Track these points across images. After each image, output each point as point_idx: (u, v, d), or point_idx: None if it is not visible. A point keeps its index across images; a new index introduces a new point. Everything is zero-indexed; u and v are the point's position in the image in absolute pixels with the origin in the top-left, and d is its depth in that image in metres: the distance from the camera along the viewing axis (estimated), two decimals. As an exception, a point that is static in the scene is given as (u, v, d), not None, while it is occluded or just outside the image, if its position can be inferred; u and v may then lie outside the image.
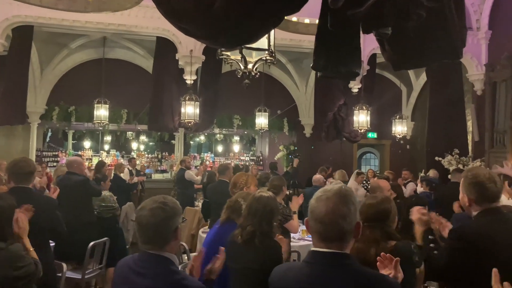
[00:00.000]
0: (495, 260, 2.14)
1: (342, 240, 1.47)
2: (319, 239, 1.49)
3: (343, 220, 1.46)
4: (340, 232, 1.46)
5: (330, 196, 1.49)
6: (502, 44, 8.62)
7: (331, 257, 1.47)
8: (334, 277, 1.44)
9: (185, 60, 8.13)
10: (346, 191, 1.53)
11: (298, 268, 1.57)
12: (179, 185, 8.08)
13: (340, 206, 1.47)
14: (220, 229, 2.98)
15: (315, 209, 1.49)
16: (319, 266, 1.47)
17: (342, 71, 2.05)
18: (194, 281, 1.87)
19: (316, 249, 1.51)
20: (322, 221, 1.47)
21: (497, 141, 8.64)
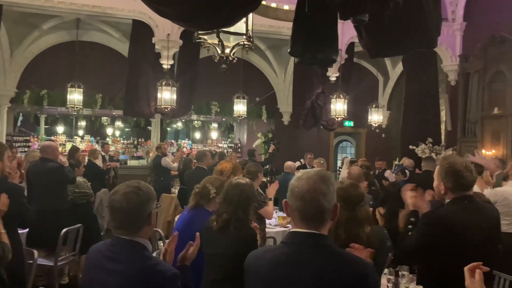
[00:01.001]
0: (465, 245, 2.23)
1: (320, 220, 1.49)
2: (299, 218, 1.50)
3: (323, 197, 1.48)
4: (320, 209, 1.48)
5: (311, 175, 1.52)
6: (476, 35, 8.82)
7: (308, 237, 1.49)
8: (311, 257, 1.46)
9: (162, 44, 7.97)
10: (326, 172, 1.58)
11: (276, 249, 1.60)
12: (155, 172, 7.99)
13: (320, 184, 1.50)
14: (189, 215, 2.96)
15: (296, 187, 1.51)
16: (296, 246, 1.49)
17: (319, 58, 2.05)
18: (168, 266, 1.85)
19: (294, 230, 1.54)
20: (303, 197, 1.49)
21: (469, 130, 8.90)
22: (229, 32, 2.68)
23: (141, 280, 1.74)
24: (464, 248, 2.20)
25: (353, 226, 2.17)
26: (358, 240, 2.11)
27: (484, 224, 2.31)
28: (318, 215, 1.50)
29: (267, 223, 5.23)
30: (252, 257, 1.64)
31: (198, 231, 2.27)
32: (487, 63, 8.39)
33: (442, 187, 2.35)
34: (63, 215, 4.73)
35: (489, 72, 8.37)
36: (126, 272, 1.76)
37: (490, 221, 2.38)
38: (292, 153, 9.93)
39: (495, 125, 8.25)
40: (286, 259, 1.48)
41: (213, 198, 2.92)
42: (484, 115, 8.46)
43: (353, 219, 2.21)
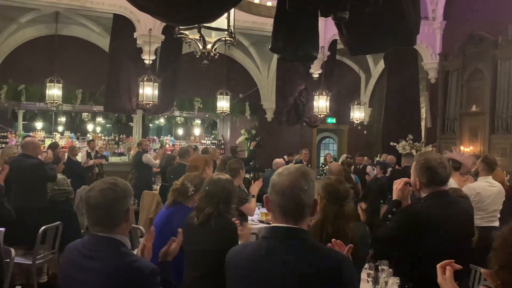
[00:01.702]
0: (440, 240, 2.28)
1: (300, 215, 1.52)
2: (279, 213, 1.53)
3: (304, 193, 1.51)
4: (300, 205, 1.51)
5: (292, 171, 1.55)
6: (456, 34, 8.98)
7: (288, 231, 1.51)
8: (290, 251, 1.48)
9: (144, 40, 7.87)
10: (306, 168, 1.60)
11: (256, 244, 1.62)
12: (136, 168, 7.89)
13: (301, 180, 1.52)
14: (168, 212, 2.94)
15: (277, 183, 1.54)
16: (276, 241, 1.51)
17: (300, 54, 2.05)
18: (146, 262, 1.83)
19: (274, 225, 1.56)
20: (284, 193, 1.51)
21: (448, 127, 9.08)
22: (211, 28, 2.66)
23: (119, 277, 1.72)
24: (439, 242, 2.25)
25: (340, 221, 2.19)
26: (344, 235, 2.13)
27: (459, 219, 2.37)
28: (298, 210, 1.52)
29: (250, 220, 5.25)
30: (233, 252, 1.65)
31: (177, 227, 2.25)
32: (465, 61, 8.56)
33: (417, 182, 2.40)
34: (42, 213, 4.65)
35: (467, 70, 8.54)
36: (103, 269, 1.73)
37: (465, 215, 2.44)
38: (276, 149, 9.97)
39: (473, 122, 8.44)
40: (266, 253, 1.50)
41: (192, 195, 2.91)
42: (463, 113, 8.64)
43: (341, 214, 2.23)
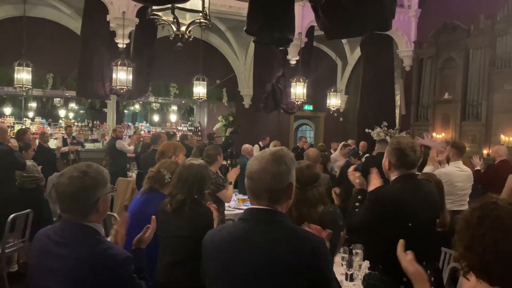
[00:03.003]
0: (409, 222, 2.34)
1: (272, 198, 1.52)
2: (252, 196, 1.55)
3: (272, 178, 1.50)
4: (268, 188, 1.51)
5: (265, 156, 1.54)
6: (430, 23, 9.11)
7: (264, 213, 1.51)
8: (266, 232, 1.49)
9: (117, 23, 7.65)
10: (282, 152, 1.58)
11: (232, 225, 1.63)
12: (110, 155, 7.75)
13: (271, 164, 1.52)
14: (142, 199, 2.89)
15: (249, 167, 1.56)
16: (252, 222, 1.52)
17: (276, 37, 2.02)
18: (120, 250, 1.79)
19: (250, 207, 1.57)
20: (252, 177, 1.52)
21: (421, 114, 9.27)
22: (185, 9, 2.58)
23: (91, 264, 1.67)
24: (406, 224, 2.31)
25: (303, 205, 2.21)
26: (310, 219, 2.15)
27: (426, 202, 2.44)
28: (267, 194, 1.52)
29: (227, 206, 5.24)
30: (209, 235, 1.65)
31: (152, 214, 2.21)
32: (439, 49, 8.71)
33: (387, 162, 2.48)
34: (11, 201, 4.50)
35: (441, 58, 8.70)
36: (75, 256, 1.68)
37: (432, 199, 2.51)
38: (253, 136, 9.95)
39: (445, 110, 8.63)
40: (242, 235, 1.51)
41: (168, 183, 2.86)
42: (436, 100, 8.82)
43: (304, 199, 2.25)
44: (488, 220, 1.20)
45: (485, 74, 7.73)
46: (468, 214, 1.25)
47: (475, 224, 1.22)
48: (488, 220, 1.20)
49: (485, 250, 1.16)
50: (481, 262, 1.17)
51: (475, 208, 1.25)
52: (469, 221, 1.24)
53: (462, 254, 1.22)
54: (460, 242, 1.24)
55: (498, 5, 7.43)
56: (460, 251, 1.23)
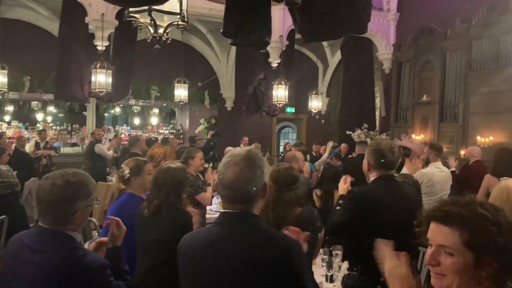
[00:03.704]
0: (383, 220, 2.38)
1: (249, 202, 1.52)
2: (227, 202, 1.54)
3: (249, 185, 1.50)
4: (246, 196, 1.51)
5: (237, 162, 1.52)
6: (409, 26, 9.27)
7: (238, 216, 1.51)
8: (241, 235, 1.49)
9: (96, 25, 7.54)
10: (253, 154, 1.56)
11: (208, 229, 1.63)
12: (89, 159, 7.62)
13: (246, 172, 1.50)
14: (118, 203, 2.84)
15: (223, 175, 1.52)
16: (227, 225, 1.52)
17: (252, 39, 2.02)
18: (95, 256, 1.75)
19: (224, 210, 1.56)
20: (230, 187, 1.51)
21: (401, 116, 9.42)
22: (162, 11, 2.56)
23: (64, 272, 1.64)
24: (383, 224, 2.34)
25: (279, 207, 2.22)
26: (286, 220, 2.16)
27: (404, 202, 2.48)
28: (245, 200, 1.52)
29: (208, 209, 5.21)
30: (185, 239, 1.65)
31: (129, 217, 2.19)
32: (417, 52, 8.87)
33: (366, 163, 2.54)
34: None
35: (419, 61, 8.86)
36: (47, 263, 1.65)
37: (408, 199, 2.55)
38: (236, 138, 9.93)
39: (424, 112, 8.79)
40: (217, 238, 1.51)
41: (129, 179, 2.83)
42: (415, 102, 8.97)
43: (280, 200, 2.26)
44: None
45: (461, 77, 7.90)
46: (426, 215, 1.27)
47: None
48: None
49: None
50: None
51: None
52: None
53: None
54: (425, 240, 1.24)
55: (474, 10, 7.61)
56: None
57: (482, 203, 1.17)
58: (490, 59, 7.32)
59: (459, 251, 1.12)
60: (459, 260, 1.12)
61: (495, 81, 7.18)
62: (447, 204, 1.18)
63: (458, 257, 1.12)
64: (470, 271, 1.11)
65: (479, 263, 1.10)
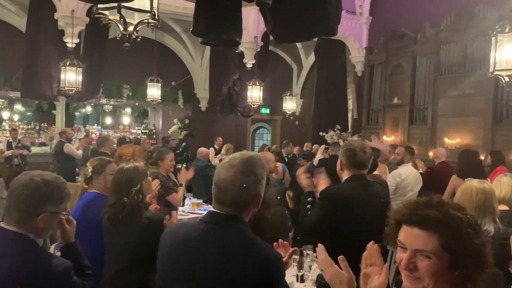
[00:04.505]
0: (354, 218, 2.42)
1: (238, 207, 1.49)
2: (216, 202, 1.52)
3: (239, 189, 1.47)
4: (235, 199, 1.48)
5: (234, 164, 1.50)
6: (380, 30, 9.46)
7: (225, 218, 1.49)
8: (223, 237, 1.46)
9: (66, 21, 7.32)
10: (254, 161, 1.52)
11: (192, 225, 1.59)
12: (58, 159, 7.41)
13: (239, 175, 1.47)
14: (81, 203, 2.76)
15: (217, 174, 1.52)
16: (211, 225, 1.50)
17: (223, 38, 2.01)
18: (59, 260, 1.70)
19: (213, 210, 1.54)
20: (219, 186, 1.49)
21: (372, 118, 9.60)
22: (132, 9, 2.51)
23: (25, 276, 1.58)
24: (355, 222, 2.39)
25: (260, 207, 2.21)
26: (264, 220, 2.15)
27: (374, 202, 2.53)
28: (234, 203, 1.49)
29: (181, 210, 5.15)
30: (168, 230, 1.64)
31: (93, 218, 2.13)
32: (389, 56, 9.07)
33: (339, 163, 2.61)
34: None
35: (390, 64, 9.06)
36: (7, 268, 1.58)
37: (379, 199, 2.61)
38: (210, 139, 9.87)
39: (395, 114, 8.99)
40: (197, 236, 1.49)
41: (91, 177, 2.77)
42: (386, 104, 9.16)
43: (262, 200, 2.25)
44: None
45: (430, 80, 8.13)
46: (393, 214, 1.26)
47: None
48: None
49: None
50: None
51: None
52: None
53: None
54: (389, 240, 1.25)
55: (442, 15, 7.85)
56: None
57: (450, 204, 1.18)
58: (458, 63, 7.56)
59: (437, 255, 1.12)
60: (436, 263, 1.12)
61: (462, 85, 7.43)
62: (421, 208, 1.17)
63: (435, 260, 1.12)
64: (445, 272, 1.12)
65: (455, 264, 1.12)
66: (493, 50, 3.89)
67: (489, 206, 2.27)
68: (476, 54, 7.08)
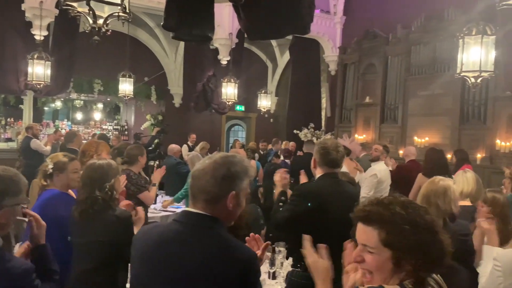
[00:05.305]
0: (326, 216, 2.46)
1: (208, 202, 1.47)
2: (190, 196, 1.51)
3: (209, 179, 1.46)
4: (203, 190, 1.47)
5: (216, 159, 1.50)
6: (354, 29, 9.60)
7: (199, 218, 1.47)
8: (199, 238, 1.45)
9: (34, 13, 7.07)
10: (234, 159, 1.52)
11: (165, 226, 1.57)
12: (24, 155, 7.15)
13: (213, 166, 1.48)
14: (41, 201, 2.67)
15: (195, 166, 1.53)
16: (185, 225, 1.48)
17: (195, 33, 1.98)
18: (18, 261, 1.64)
19: (187, 209, 1.52)
20: (193, 175, 1.50)
21: (345, 117, 9.75)
22: (101, 1, 2.44)
23: None
24: (328, 221, 2.42)
25: None
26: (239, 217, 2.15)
27: (346, 199, 2.57)
28: (203, 196, 1.47)
29: (153, 208, 5.09)
30: (141, 232, 1.60)
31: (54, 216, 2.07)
32: (361, 55, 9.21)
33: (313, 160, 2.67)
34: None
35: (363, 64, 9.21)
36: None
37: (351, 197, 2.66)
38: (184, 136, 9.77)
39: (367, 113, 9.16)
40: (172, 237, 1.46)
41: (51, 174, 2.69)
42: (358, 103, 9.32)
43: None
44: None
45: (401, 80, 8.31)
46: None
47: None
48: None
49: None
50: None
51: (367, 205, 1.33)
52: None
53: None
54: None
55: (413, 17, 8.03)
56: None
57: (404, 202, 1.24)
58: (428, 64, 7.77)
59: (378, 249, 1.20)
60: (379, 257, 1.20)
61: (431, 85, 7.63)
62: (369, 205, 1.26)
63: (378, 255, 1.20)
64: (390, 267, 1.20)
65: (397, 260, 1.19)
66: (460, 52, 3.99)
67: (432, 203, 2.34)
68: (445, 55, 7.28)
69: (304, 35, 2.25)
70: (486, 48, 3.86)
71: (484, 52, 3.85)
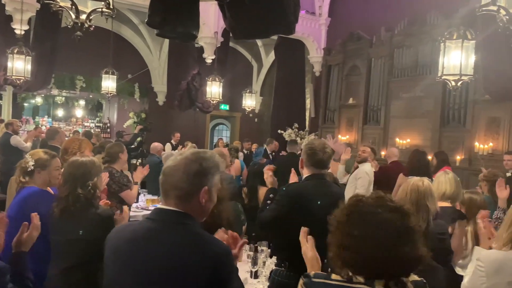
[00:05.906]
0: (311, 216, 2.47)
1: (180, 198, 1.46)
2: (162, 193, 1.50)
3: (181, 175, 1.46)
4: (175, 186, 1.46)
5: (187, 155, 1.50)
6: (338, 31, 9.69)
7: (171, 214, 1.46)
8: (171, 234, 1.44)
9: (14, 6, 6.91)
10: (205, 155, 1.52)
11: (138, 223, 1.56)
12: (3, 152, 6.99)
13: (184, 163, 1.47)
14: (19, 199, 2.61)
15: (166, 164, 1.51)
16: (158, 222, 1.46)
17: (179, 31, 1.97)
18: None
19: (159, 206, 1.51)
20: (164, 172, 1.49)
21: (329, 118, 9.83)
22: (85, -4, 2.41)
23: None
24: (313, 221, 2.42)
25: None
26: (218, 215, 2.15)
27: (331, 200, 2.58)
28: (175, 193, 1.46)
29: (135, 206, 5.04)
30: (114, 231, 1.59)
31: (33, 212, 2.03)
32: (345, 57, 9.30)
33: (301, 160, 2.70)
34: None
35: (347, 65, 9.30)
36: None
37: (337, 198, 2.68)
38: (168, 134, 9.70)
39: (350, 114, 9.25)
40: (145, 234, 1.45)
41: (32, 171, 2.64)
42: (341, 104, 9.41)
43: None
44: (355, 216, 1.28)
45: (384, 82, 8.42)
46: (338, 213, 1.32)
47: (344, 222, 1.28)
48: (355, 217, 1.28)
49: (357, 245, 1.23)
50: (354, 258, 1.24)
51: (343, 208, 1.33)
52: (340, 221, 1.31)
53: (338, 253, 1.28)
54: (335, 241, 1.30)
55: (397, 20, 8.14)
56: (334, 251, 1.29)
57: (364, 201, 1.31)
58: (410, 67, 7.89)
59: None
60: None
61: (413, 88, 7.75)
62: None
63: None
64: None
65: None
66: (442, 55, 4.06)
67: (422, 205, 2.38)
68: (427, 58, 7.40)
69: (289, 35, 2.25)
70: (467, 52, 3.94)
71: (465, 56, 3.93)
